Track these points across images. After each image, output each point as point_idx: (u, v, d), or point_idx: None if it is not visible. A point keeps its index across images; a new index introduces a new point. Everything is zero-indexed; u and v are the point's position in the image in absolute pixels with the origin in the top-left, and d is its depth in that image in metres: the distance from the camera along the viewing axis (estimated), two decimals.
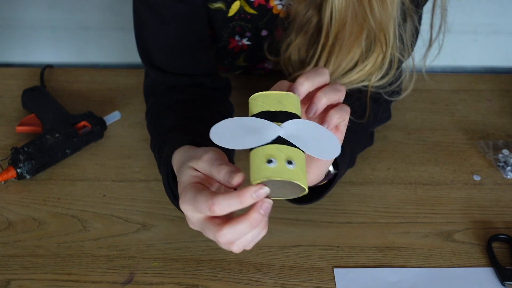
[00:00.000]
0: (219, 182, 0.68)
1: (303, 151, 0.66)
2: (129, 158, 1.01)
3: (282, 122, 0.66)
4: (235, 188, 0.67)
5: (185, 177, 0.71)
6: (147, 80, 1.01)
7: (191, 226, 0.71)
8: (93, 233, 0.90)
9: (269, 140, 0.65)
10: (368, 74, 0.94)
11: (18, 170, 0.95)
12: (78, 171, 0.99)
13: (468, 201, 0.96)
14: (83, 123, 1.03)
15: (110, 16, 2.40)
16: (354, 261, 0.87)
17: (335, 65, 0.94)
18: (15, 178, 0.96)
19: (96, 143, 1.03)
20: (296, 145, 0.65)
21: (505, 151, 1.03)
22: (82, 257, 0.86)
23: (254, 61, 1.13)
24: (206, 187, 0.70)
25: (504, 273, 0.85)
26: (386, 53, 0.91)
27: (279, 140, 0.65)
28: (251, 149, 0.66)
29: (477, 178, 1.00)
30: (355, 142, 0.94)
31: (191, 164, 0.71)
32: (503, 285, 0.85)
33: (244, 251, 0.87)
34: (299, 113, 0.68)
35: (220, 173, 0.67)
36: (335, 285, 0.84)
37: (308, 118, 0.71)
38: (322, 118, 0.72)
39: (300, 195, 0.67)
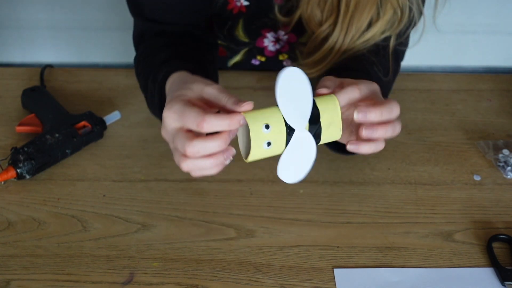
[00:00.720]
0: (222, 108, 0.72)
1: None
2: (129, 158, 1.01)
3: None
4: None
5: (180, 92, 0.75)
6: (135, 31, 1.05)
7: (163, 132, 0.76)
8: (93, 233, 0.90)
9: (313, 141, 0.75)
10: (386, 24, 0.98)
11: (18, 170, 0.95)
12: (78, 171, 0.99)
13: (468, 201, 0.96)
14: (83, 123, 1.03)
15: (110, 16, 2.40)
16: (354, 261, 0.87)
17: (359, 23, 0.97)
18: (15, 178, 0.96)
19: (96, 143, 1.03)
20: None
21: (505, 151, 1.03)
22: (82, 257, 0.86)
23: (253, 34, 1.13)
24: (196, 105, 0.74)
25: (504, 273, 0.85)
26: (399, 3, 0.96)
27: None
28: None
29: (477, 178, 1.00)
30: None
31: (197, 86, 0.75)
32: (503, 285, 0.85)
33: (244, 252, 0.87)
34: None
35: (230, 99, 0.72)
36: (335, 285, 0.84)
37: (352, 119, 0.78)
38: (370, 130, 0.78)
39: (247, 158, 0.74)
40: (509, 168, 1.01)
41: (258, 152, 0.73)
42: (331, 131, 0.77)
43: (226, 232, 0.90)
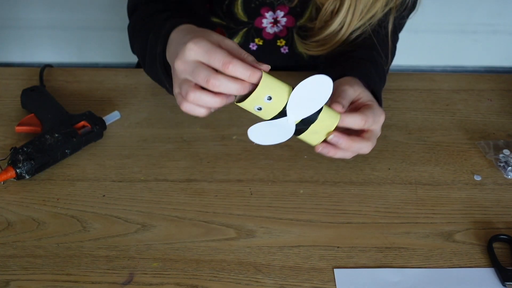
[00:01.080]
0: (242, 60, 0.76)
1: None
2: (129, 158, 1.01)
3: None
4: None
5: (202, 33, 0.79)
6: (129, 2, 1.07)
7: (179, 63, 0.78)
8: (93, 234, 0.89)
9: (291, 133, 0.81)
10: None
11: (18, 170, 0.95)
12: (78, 171, 0.99)
13: (469, 201, 0.96)
14: (82, 123, 1.02)
15: (110, 16, 2.40)
16: (355, 261, 0.87)
17: None
18: (14, 178, 0.95)
19: (96, 143, 1.03)
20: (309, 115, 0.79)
21: (506, 151, 1.03)
22: (81, 257, 0.86)
23: (252, 13, 1.13)
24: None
25: (504, 273, 0.85)
26: None
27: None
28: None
29: (477, 178, 1.00)
30: (382, 80, 1.03)
31: (216, 35, 0.79)
32: (504, 285, 0.84)
33: (244, 252, 0.87)
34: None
35: (249, 56, 0.77)
36: (335, 285, 0.84)
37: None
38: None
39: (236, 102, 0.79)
40: (509, 168, 1.01)
41: (247, 107, 0.79)
42: (312, 137, 0.84)
43: (226, 232, 0.90)
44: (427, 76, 1.22)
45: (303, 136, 0.83)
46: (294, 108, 0.78)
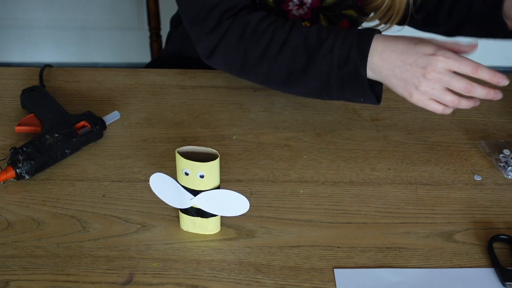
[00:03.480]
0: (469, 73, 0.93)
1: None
2: (129, 158, 1.01)
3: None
4: None
5: (423, 40, 0.94)
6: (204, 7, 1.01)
7: (432, 74, 0.93)
8: (93, 234, 0.89)
9: (186, 207, 0.87)
10: None
11: (17, 170, 0.95)
12: (78, 171, 0.99)
13: (469, 202, 0.96)
14: (82, 123, 1.02)
15: (110, 16, 2.40)
16: (355, 261, 0.87)
17: None
18: (14, 178, 0.95)
19: (96, 143, 1.03)
20: (207, 211, 0.87)
21: (506, 151, 1.03)
22: (81, 257, 0.86)
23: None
24: None
25: (505, 273, 0.85)
26: None
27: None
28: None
29: (478, 178, 1.00)
30: None
31: (434, 42, 0.93)
32: (504, 285, 0.84)
33: (244, 252, 0.87)
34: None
35: (484, 71, 0.93)
36: (335, 285, 0.84)
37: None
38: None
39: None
40: (510, 168, 1.00)
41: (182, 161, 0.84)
42: (189, 225, 0.90)
43: (226, 232, 0.90)
44: None
45: (186, 217, 0.89)
46: (205, 198, 0.85)
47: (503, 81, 0.93)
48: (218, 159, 0.83)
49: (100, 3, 2.31)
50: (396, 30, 1.14)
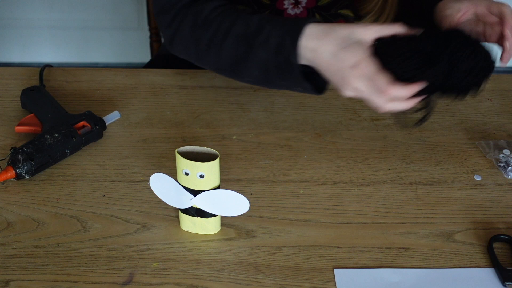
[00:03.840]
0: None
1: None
2: (129, 158, 1.01)
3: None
4: None
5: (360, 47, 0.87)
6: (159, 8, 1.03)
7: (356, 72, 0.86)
8: (93, 234, 0.89)
9: (186, 207, 0.87)
10: None
11: (17, 170, 0.95)
12: (78, 171, 0.99)
13: (469, 202, 0.96)
14: (82, 123, 1.02)
15: (110, 16, 2.40)
16: (355, 261, 0.87)
17: None
18: (14, 178, 0.95)
19: (96, 143, 1.03)
20: (207, 211, 0.87)
21: (506, 151, 1.03)
22: (81, 257, 0.86)
23: None
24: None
25: (505, 273, 0.85)
26: None
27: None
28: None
29: (478, 178, 1.00)
30: None
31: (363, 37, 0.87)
32: (504, 285, 0.84)
33: (244, 252, 0.87)
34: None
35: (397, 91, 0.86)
36: (335, 285, 0.84)
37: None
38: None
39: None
40: (510, 168, 1.00)
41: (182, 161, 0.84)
42: (190, 225, 0.90)
43: (226, 232, 0.90)
44: None
45: (186, 217, 0.89)
46: (205, 198, 0.85)
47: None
48: (218, 159, 0.83)
49: (100, 3, 2.31)
50: None
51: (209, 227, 0.89)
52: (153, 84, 1.16)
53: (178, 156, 0.84)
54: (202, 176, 0.83)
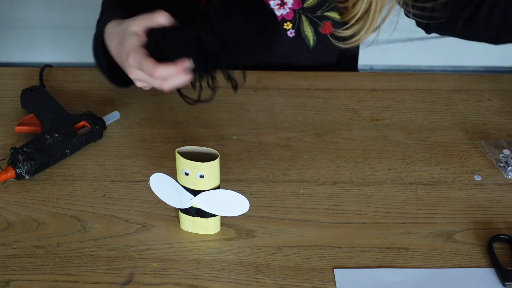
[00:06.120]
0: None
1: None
2: (129, 158, 1.01)
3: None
4: None
5: (130, 40, 0.89)
6: None
7: (129, 62, 0.88)
8: (93, 234, 0.89)
9: (186, 207, 0.87)
10: None
11: (17, 170, 0.95)
12: (78, 171, 0.99)
13: (469, 202, 0.96)
14: (82, 123, 1.02)
15: None
16: (355, 261, 0.87)
17: None
18: (14, 178, 0.95)
19: (96, 143, 1.03)
20: (207, 211, 0.87)
21: (506, 151, 1.03)
22: (81, 257, 0.86)
23: None
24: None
25: (505, 273, 0.85)
26: None
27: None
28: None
29: (478, 178, 1.00)
30: None
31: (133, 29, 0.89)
32: (504, 285, 0.84)
33: (244, 252, 0.87)
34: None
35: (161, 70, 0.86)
36: (335, 285, 0.84)
37: None
38: None
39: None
40: (510, 168, 1.00)
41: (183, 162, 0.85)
42: (190, 225, 0.90)
43: (226, 232, 0.90)
44: (427, 76, 1.22)
45: (186, 217, 0.89)
46: (205, 198, 0.85)
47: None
48: (218, 159, 0.83)
49: (100, 3, 2.31)
50: (437, 38, 1.14)
51: (209, 227, 0.89)
52: None
53: (178, 156, 0.84)
54: (202, 176, 0.83)
